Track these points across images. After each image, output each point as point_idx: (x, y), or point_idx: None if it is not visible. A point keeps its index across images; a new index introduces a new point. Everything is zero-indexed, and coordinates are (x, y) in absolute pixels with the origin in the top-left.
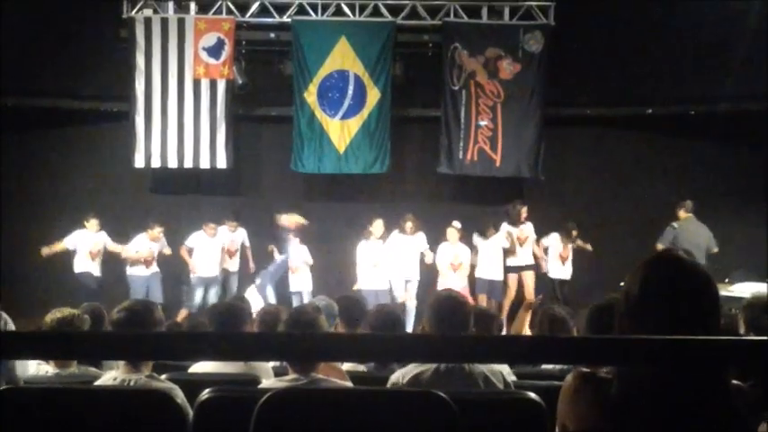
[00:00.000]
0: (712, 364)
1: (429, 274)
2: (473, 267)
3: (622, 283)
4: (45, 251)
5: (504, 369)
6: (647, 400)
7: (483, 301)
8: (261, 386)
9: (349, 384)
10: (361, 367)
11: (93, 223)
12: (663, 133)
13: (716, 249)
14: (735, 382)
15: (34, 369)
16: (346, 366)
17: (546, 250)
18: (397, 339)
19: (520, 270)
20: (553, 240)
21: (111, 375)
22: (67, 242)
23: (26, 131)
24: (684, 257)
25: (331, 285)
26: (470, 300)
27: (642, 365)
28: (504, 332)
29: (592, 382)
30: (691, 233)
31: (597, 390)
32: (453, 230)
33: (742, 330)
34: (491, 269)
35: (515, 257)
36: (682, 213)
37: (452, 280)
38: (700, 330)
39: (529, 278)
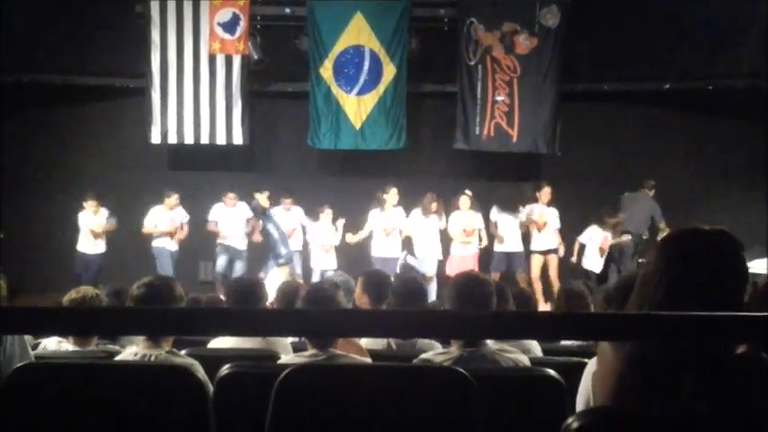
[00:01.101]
0: (730, 340)
1: (444, 246)
2: (492, 240)
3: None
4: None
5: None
6: (671, 375)
7: (495, 278)
8: (280, 362)
9: (368, 360)
10: (381, 343)
11: (90, 204)
12: (680, 109)
13: (662, 225)
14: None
15: (54, 346)
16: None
17: (583, 247)
18: (414, 315)
19: (543, 254)
20: (593, 233)
21: (132, 351)
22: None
23: (42, 108)
24: (708, 233)
25: (347, 261)
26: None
27: (659, 341)
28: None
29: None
30: (633, 205)
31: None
32: (465, 198)
33: None
34: (510, 242)
35: (537, 240)
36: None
37: (466, 247)
38: (719, 306)
39: (552, 263)
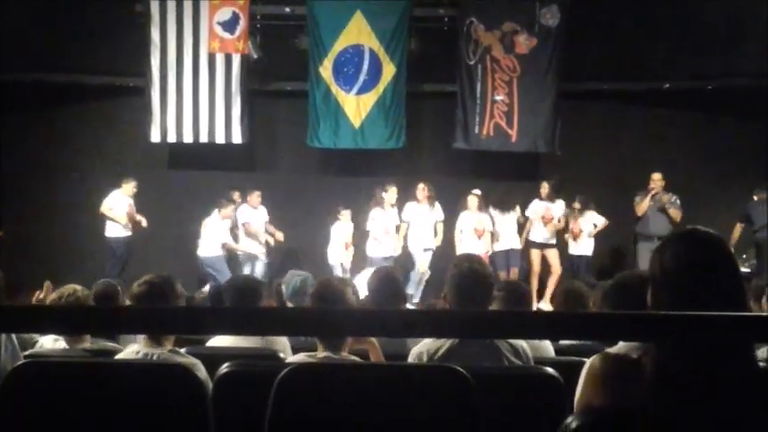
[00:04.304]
0: (742, 340)
1: (446, 242)
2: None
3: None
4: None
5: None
6: (682, 377)
7: (501, 277)
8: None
9: (381, 358)
10: None
11: (129, 186)
12: (680, 108)
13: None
14: None
15: (51, 344)
16: None
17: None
18: (417, 314)
19: (543, 247)
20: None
21: (134, 349)
22: (106, 204)
23: (41, 106)
24: (712, 233)
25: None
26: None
27: (665, 340)
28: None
29: (619, 363)
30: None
31: (625, 370)
32: (474, 198)
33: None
34: (508, 240)
35: (536, 232)
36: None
37: (475, 246)
38: (732, 305)
39: (552, 255)
